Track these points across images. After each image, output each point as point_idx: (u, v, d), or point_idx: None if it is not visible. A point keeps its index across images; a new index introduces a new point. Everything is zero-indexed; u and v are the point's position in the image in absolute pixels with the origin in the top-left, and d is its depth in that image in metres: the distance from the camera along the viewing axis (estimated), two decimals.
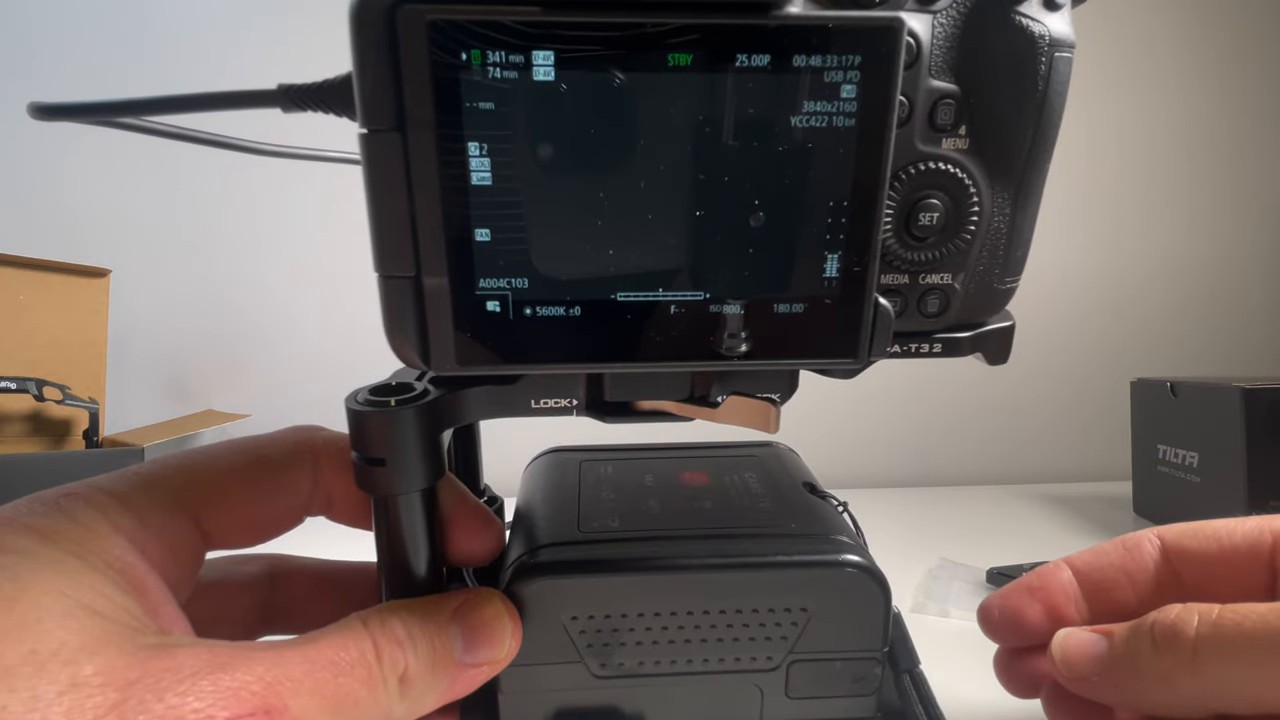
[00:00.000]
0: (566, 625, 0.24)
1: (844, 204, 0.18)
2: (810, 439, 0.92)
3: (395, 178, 0.17)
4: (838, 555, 0.24)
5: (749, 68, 0.17)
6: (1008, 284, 0.21)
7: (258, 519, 0.22)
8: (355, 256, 0.40)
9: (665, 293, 0.19)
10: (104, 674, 0.15)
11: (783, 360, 0.20)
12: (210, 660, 0.16)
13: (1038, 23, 0.19)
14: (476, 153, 0.17)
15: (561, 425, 0.30)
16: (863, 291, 0.19)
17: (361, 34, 0.16)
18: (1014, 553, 0.52)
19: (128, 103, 0.25)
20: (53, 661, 0.15)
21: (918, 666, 0.27)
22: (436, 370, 0.19)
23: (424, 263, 0.18)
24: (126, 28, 0.88)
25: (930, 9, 0.19)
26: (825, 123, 0.17)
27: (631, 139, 0.17)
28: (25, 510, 0.18)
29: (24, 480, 0.59)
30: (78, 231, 0.88)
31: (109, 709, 0.15)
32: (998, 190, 0.20)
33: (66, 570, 0.16)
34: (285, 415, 0.87)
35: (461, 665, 0.20)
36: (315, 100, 0.21)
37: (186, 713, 0.15)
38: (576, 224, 0.18)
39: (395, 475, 0.21)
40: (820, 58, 0.17)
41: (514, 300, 0.18)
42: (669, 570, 0.23)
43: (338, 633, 0.19)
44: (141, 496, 0.19)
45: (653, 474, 0.30)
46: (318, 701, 0.17)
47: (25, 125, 0.94)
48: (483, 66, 0.16)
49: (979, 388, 0.91)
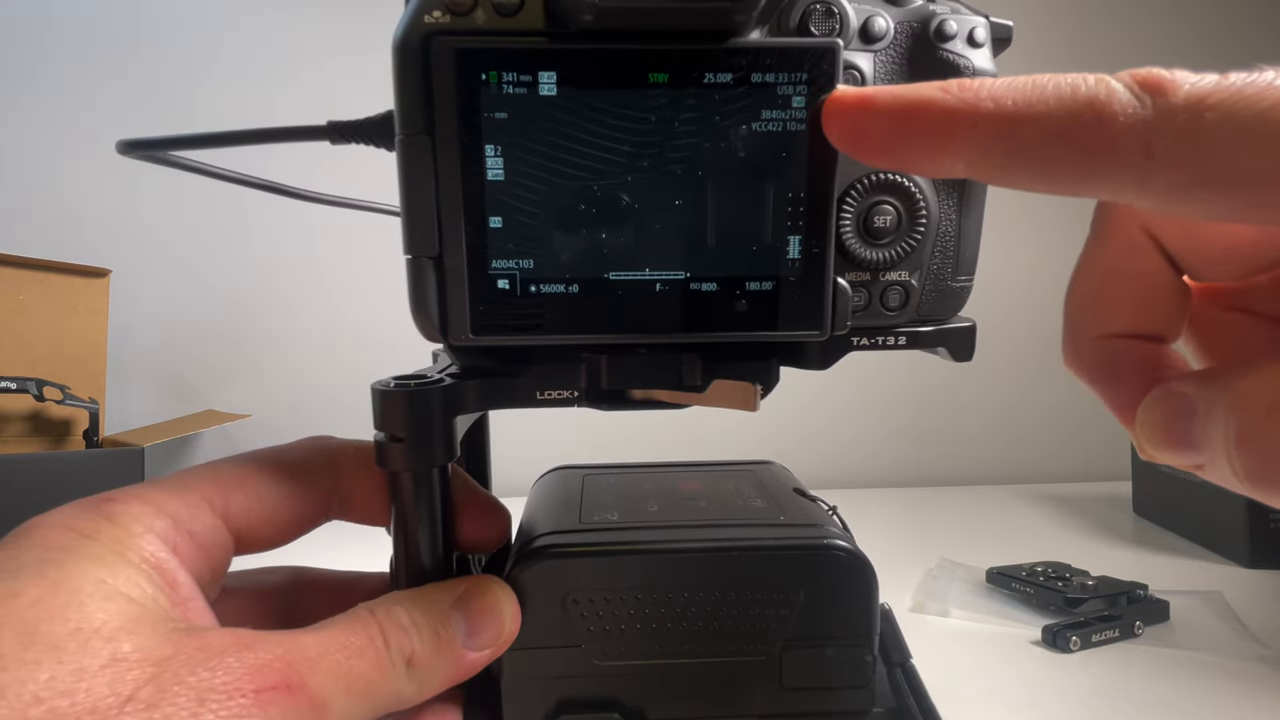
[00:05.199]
0: (567, 606, 0.25)
1: (800, 195, 0.22)
2: (811, 439, 0.93)
3: (424, 174, 0.21)
4: (825, 540, 0.26)
5: (715, 84, 0.21)
6: (961, 282, 0.25)
7: (283, 516, 0.23)
8: (355, 257, 0.40)
9: (651, 272, 0.22)
10: (140, 651, 0.17)
11: (755, 332, 0.22)
12: (235, 641, 0.18)
13: (962, 58, 0.23)
14: (492, 153, 0.21)
15: (566, 447, 0.30)
16: (822, 270, 0.22)
17: (402, 59, 0.20)
18: (1014, 553, 0.52)
19: (198, 137, 0.29)
20: (95, 638, 0.17)
21: (910, 660, 0.27)
22: (453, 339, 0.22)
23: (446, 245, 0.21)
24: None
25: (871, 49, 0.23)
26: (781, 127, 0.21)
27: (620, 142, 0.21)
28: (68, 514, 0.19)
29: (24, 480, 0.59)
30: (78, 231, 0.88)
31: (146, 680, 0.16)
32: (943, 198, 0.24)
33: (105, 563, 0.18)
34: (285, 415, 0.88)
35: (465, 649, 0.22)
36: (359, 134, 0.25)
37: (216, 684, 0.17)
38: (575, 213, 0.21)
39: (412, 451, 0.23)
40: (773, 75, 0.21)
41: (521, 278, 0.22)
42: (664, 551, 0.25)
43: (347, 620, 0.20)
44: (174, 500, 0.21)
45: (652, 483, 0.32)
46: (333, 680, 0.19)
47: (26, 125, 0.94)
48: (498, 84, 0.20)
49: (979, 388, 0.92)
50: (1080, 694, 0.36)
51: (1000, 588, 0.49)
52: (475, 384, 0.25)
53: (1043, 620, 0.43)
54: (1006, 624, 0.44)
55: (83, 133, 0.90)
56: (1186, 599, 0.47)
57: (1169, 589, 0.46)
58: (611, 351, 0.25)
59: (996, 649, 0.41)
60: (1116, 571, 0.47)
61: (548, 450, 0.42)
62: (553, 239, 0.22)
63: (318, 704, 0.18)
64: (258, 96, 0.91)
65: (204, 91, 0.91)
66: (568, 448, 0.89)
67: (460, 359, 0.25)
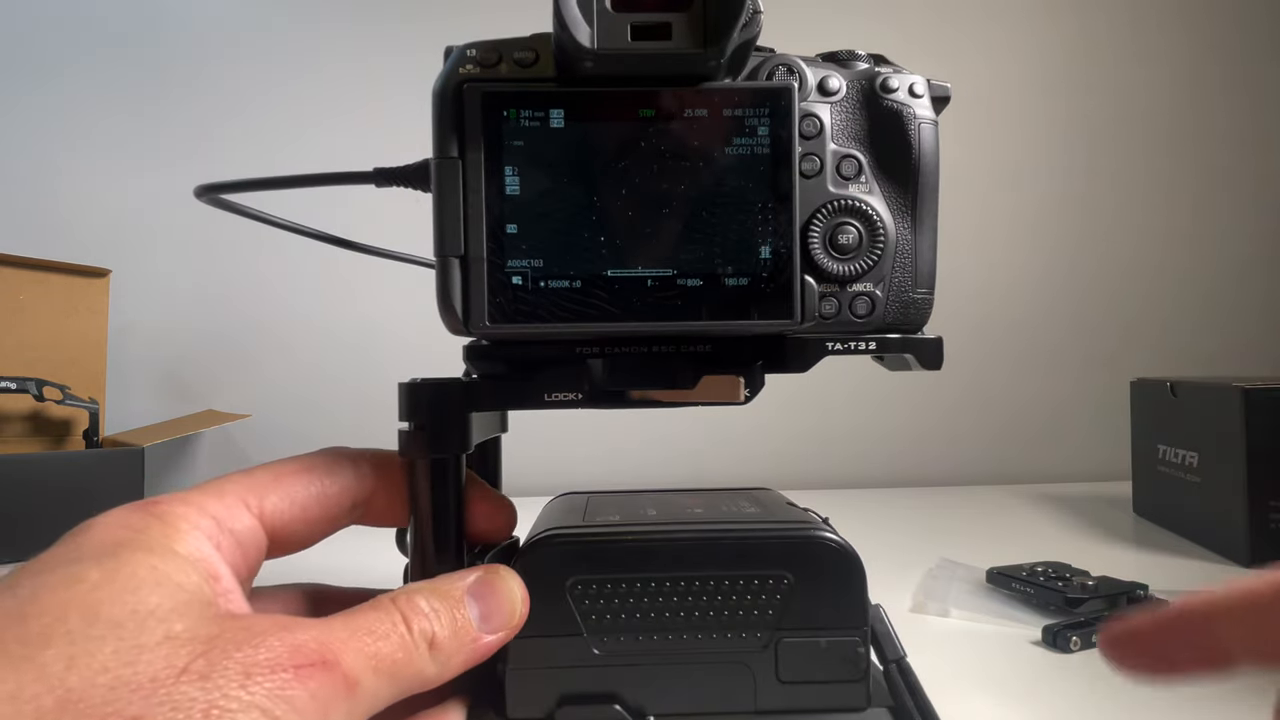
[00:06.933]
0: (569, 593, 0.27)
1: (768, 205, 0.26)
2: (812, 439, 0.93)
3: (454, 189, 0.25)
4: (813, 530, 0.28)
5: (694, 117, 0.25)
6: (920, 294, 0.28)
7: (313, 515, 0.26)
8: (356, 257, 0.40)
9: (643, 270, 0.26)
10: (190, 631, 0.19)
11: (736, 322, 0.26)
12: (275, 624, 0.20)
13: (906, 106, 0.28)
14: (510, 173, 0.25)
15: (574, 462, 0.31)
16: (790, 268, 0.26)
17: (440, 100, 0.25)
18: (1014, 553, 0.52)
19: (259, 180, 0.33)
20: (150, 619, 0.18)
21: (904, 657, 0.28)
22: (473, 328, 0.25)
23: (470, 246, 0.25)
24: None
25: (828, 100, 0.27)
26: (750, 151, 0.25)
27: (616, 163, 0.25)
28: (120, 515, 0.22)
29: (24, 480, 0.59)
30: (78, 231, 0.88)
31: (198, 655, 0.18)
32: (899, 220, 0.28)
33: (157, 554, 0.20)
34: (285, 415, 0.88)
35: (480, 631, 0.24)
36: (400, 178, 0.30)
37: (260, 660, 0.18)
38: (578, 222, 0.25)
39: (433, 439, 0.27)
40: (741, 110, 0.25)
41: (532, 275, 0.25)
42: (660, 537, 0.28)
43: (372, 608, 0.22)
44: (215, 502, 0.23)
45: (652, 500, 0.34)
46: (362, 660, 0.20)
47: (25, 126, 0.94)
48: (517, 119, 0.25)
49: (979, 388, 0.91)
50: (1080, 694, 0.36)
51: (1000, 588, 0.49)
52: (490, 384, 0.28)
53: (1043, 620, 0.43)
54: (1006, 624, 0.44)
55: (83, 133, 0.90)
56: None
57: (1169, 589, 0.46)
58: (610, 344, 0.28)
59: (996, 649, 0.41)
60: (1116, 571, 0.47)
61: (558, 481, 0.43)
62: (560, 242, 0.25)
63: (350, 681, 0.20)
64: (258, 96, 0.91)
65: (205, 91, 0.91)
66: (575, 463, 0.90)
67: (477, 366, 0.29)
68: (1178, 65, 0.94)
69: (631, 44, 0.24)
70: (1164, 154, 0.94)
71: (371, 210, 0.56)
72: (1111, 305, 0.93)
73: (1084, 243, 0.93)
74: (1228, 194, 0.94)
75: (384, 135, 0.65)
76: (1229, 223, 0.94)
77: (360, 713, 0.20)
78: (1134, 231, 0.94)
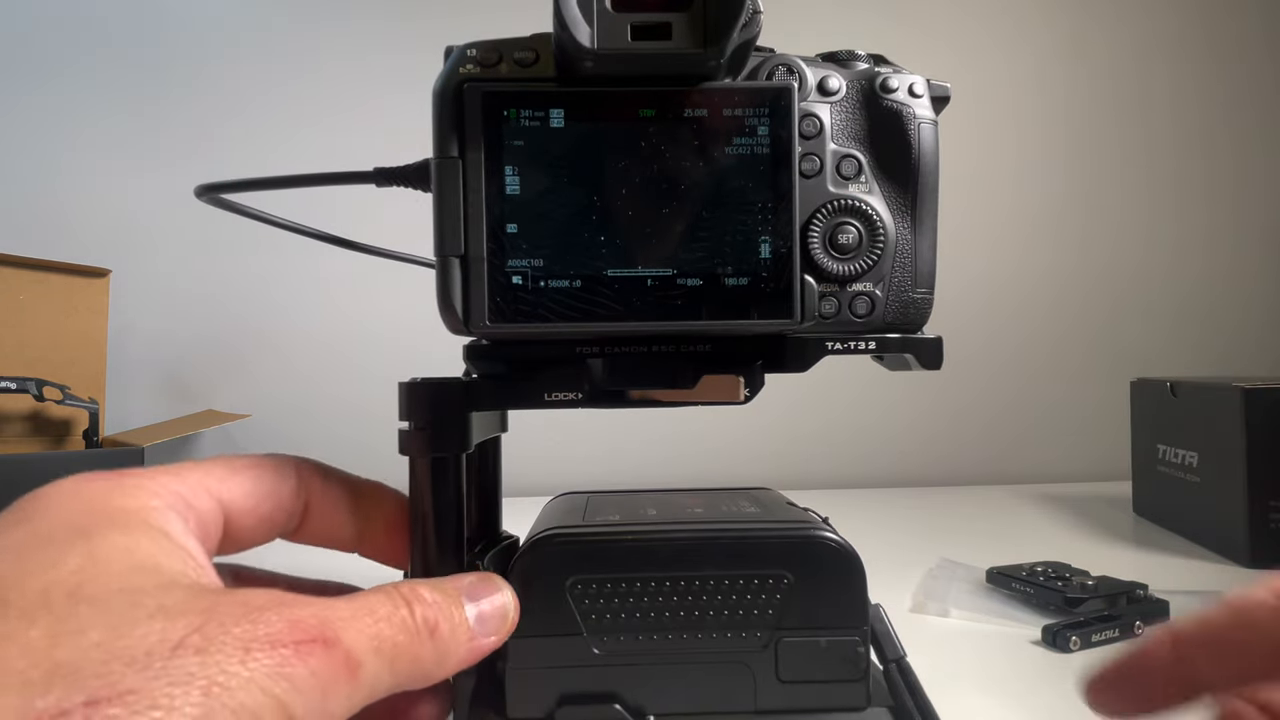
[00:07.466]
0: (569, 593, 0.27)
1: (768, 204, 0.25)
2: (812, 439, 0.93)
3: (454, 189, 0.25)
4: (812, 530, 0.28)
5: (693, 117, 0.25)
6: (920, 294, 0.28)
7: (264, 509, 0.25)
8: (355, 258, 0.40)
9: (643, 269, 0.25)
10: (183, 604, 0.18)
11: (735, 322, 0.26)
12: (273, 599, 0.19)
13: (906, 106, 0.27)
14: (511, 173, 0.25)
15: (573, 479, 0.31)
16: (790, 267, 0.26)
17: (441, 101, 0.25)
18: (1014, 553, 0.52)
19: (261, 180, 0.33)
20: (139, 594, 0.18)
21: (904, 657, 0.28)
22: (473, 328, 0.25)
23: (470, 246, 0.25)
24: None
25: (828, 100, 0.27)
26: (749, 151, 0.25)
27: (616, 163, 0.25)
28: (77, 489, 0.21)
29: (24, 480, 0.59)
30: (78, 231, 0.88)
31: (193, 630, 0.17)
32: (899, 219, 0.28)
33: (131, 532, 0.20)
34: (285, 415, 0.88)
35: (475, 633, 0.23)
36: (400, 178, 0.29)
37: (259, 635, 0.18)
38: (578, 221, 0.25)
39: (432, 438, 0.26)
40: (741, 110, 0.25)
41: (532, 275, 0.25)
42: (659, 536, 0.27)
43: (375, 591, 0.22)
44: (176, 482, 0.23)
45: (652, 499, 0.34)
46: (364, 640, 0.20)
47: (26, 126, 0.94)
48: (517, 119, 0.25)
49: (980, 389, 0.91)
50: (1080, 694, 0.36)
51: (1000, 588, 0.49)
52: (490, 383, 0.28)
53: (1043, 620, 0.43)
54: (1006, 624, 0.44)
55: (83, 133, 0.90)
56: (1186, 599, 0.46)
57: (1169, 589, 0.46)
58: (610, 344, 0.28)
59: (996, 649, 0.41)
60: (1116, 571, 0.47)
61: (558, 480, 0.43)
62: (560, 242, 0.25)
63: (351, 661, 0.19)
64: (258, 96, 0.91)
65: (205, 91, 0.91)
66: (575, 463, 0.90)
67: (477, 365, 0.28)
68: (1181, 65, 0.94)
69: (631, 44, 0.24)
70: (1165, 153, 0.94)
71: (371, 210, 0.56)
72: (1111, 305, 0.93)
73: (1085, 243, 0.93)
74: (1229, 194, 0.94)
75: (384, 135, 0.65)
76: (1230, 223, 0.95)
77: (359, 698, 0.19)
78: (1135, 232, 0.94)
